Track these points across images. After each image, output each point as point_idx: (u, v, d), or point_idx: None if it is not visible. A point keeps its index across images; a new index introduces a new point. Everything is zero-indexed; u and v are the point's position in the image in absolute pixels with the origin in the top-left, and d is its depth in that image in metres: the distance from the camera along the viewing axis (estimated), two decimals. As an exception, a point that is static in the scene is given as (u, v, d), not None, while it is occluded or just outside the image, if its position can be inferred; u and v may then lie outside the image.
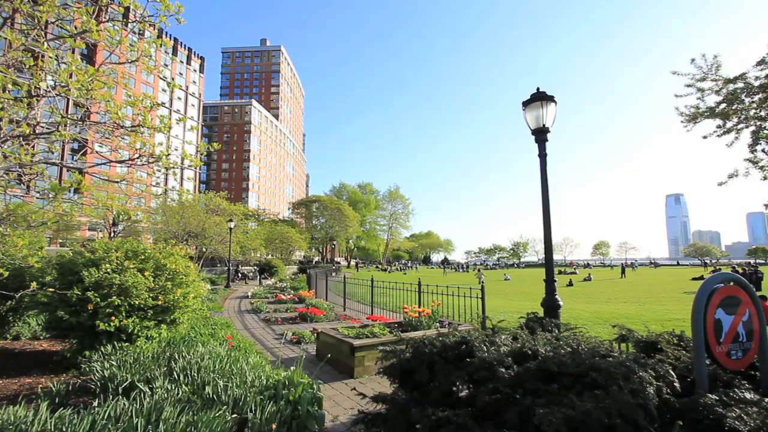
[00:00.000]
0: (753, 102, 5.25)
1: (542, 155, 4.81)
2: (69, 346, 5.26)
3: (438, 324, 6.66)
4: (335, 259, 76.22)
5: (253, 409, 2.93)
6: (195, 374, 3.49)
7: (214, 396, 3.05)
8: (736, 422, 1.99)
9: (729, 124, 5.51)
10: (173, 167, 5.53)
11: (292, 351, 6.89)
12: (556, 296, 4.91)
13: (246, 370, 3.45)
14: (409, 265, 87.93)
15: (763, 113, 5.24)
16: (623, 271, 47.66)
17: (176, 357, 3.94)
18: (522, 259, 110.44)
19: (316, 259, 68.98)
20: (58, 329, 5.11)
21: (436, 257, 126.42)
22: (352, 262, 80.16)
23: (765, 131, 5.29)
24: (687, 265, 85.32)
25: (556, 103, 4.71)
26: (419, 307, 6.99)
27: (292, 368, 3.44)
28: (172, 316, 5.42)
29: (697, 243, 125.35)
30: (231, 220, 23.78)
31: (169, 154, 4.12)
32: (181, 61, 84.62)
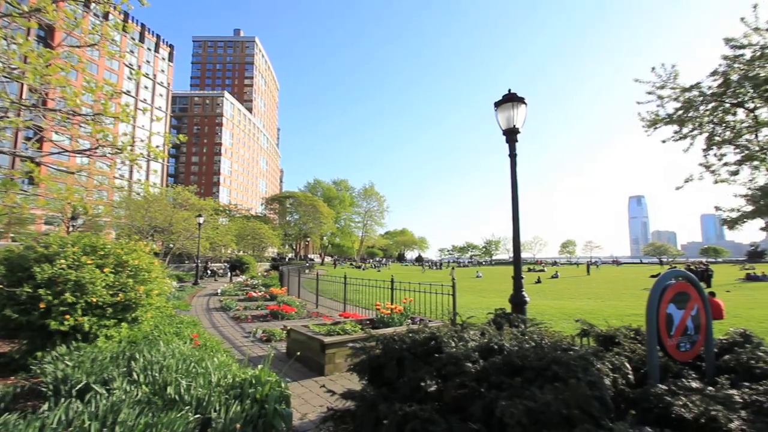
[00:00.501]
0: (707, 110, 5.55)
1: (512, 155, 4.94)
2: (18, 347, 4.93)
3: (410, 321, 6.72)
4: (309, 255, 75.45)
5: (217, 408, 2.85)
6: (157, 374, 3.35)
7: (176, 396, 2.94)
8: (682, 410, 2.11)
9: (685, 130, 5.80)
10: (137, 158, 5.29)
11: (262, 349, 6.77)
12: (523, 293, 5.06)
13: (211, 370, 3.35)
14: (383, 262, 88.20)
15: (715, 120, 5.55)
16: (588, 269, 49.81)
17: (137, 357, 3.78)
18: (494, 257, 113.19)
19: (290, 255, 68.02)
20: (6, 329, 4.78)
21: (411, 255, 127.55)
22: (327, 259, 79.59)
23: (717, 138, 5.60)
24: (647, 263, 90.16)
25: (526, 105, 4.84)
26: (391, 304, 7.02)
27: (259, 366, 3.38)
28: (133, 315, 5.19)
29: (656, 242, 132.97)
30: (200, 215, 23.02)
31: (133, 145, 3.91)
32: (149, 49, 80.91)
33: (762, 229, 5.05)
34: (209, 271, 28.80)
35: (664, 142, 5.99)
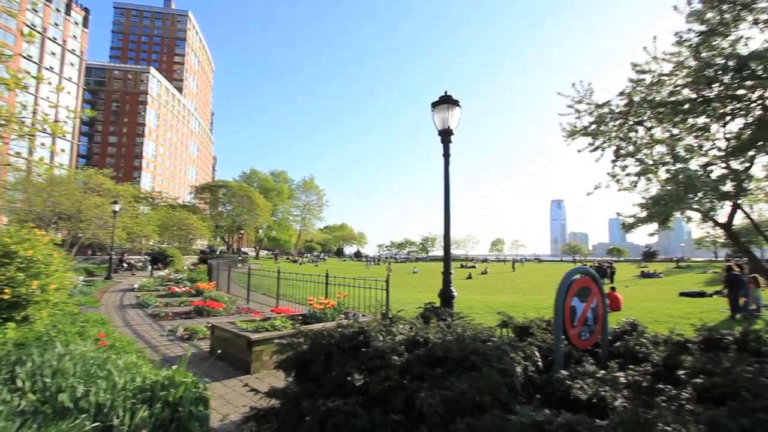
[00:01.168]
0: (615, 126, 6.20)
1: (446, 155, 5.13)
2: None
3: (343, 316, 6.71)
4: (242, 249, 71.89)
5: (121, 415, 2.58)
6: (48, 380, 2.95)
7: (71, 404, 2.61)
8: (579, 392, 2.35)
9: (597, 143, 6.43)
10: (33, 134, 4.58)
11: (182, 348, 6.30)
12: (452, 288, 5.29)
13: (115, 373, 3.02)
14: (321, 257, 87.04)
15: (621, 136, 6.22)
16: (513, 266, 53.85)
17: (24, 360, 3.29)
18: (430, 253, 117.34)
19: (221, 248, 64.24)
20: None
21: (350, 250, 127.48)
22: (263, 253, 76.53)
23: (622, 151, 6.27)
24: (564, 261, 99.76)
25: (460, 107, 5.06)
26: (325, 299, 6.94)
27: (174, 367, 3.13)
28: (23, 313, 4.52)
29: (571, 242, 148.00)
30: (116, 202, 20.74)
31: (21, 115, 3.38)
32: (58, 10, 70.79)
33: (650, 235, 5.78)
34: (125, 264, 26.15)
35: (579, 151, 6.61)
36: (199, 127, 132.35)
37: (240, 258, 42.80)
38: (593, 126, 6.28)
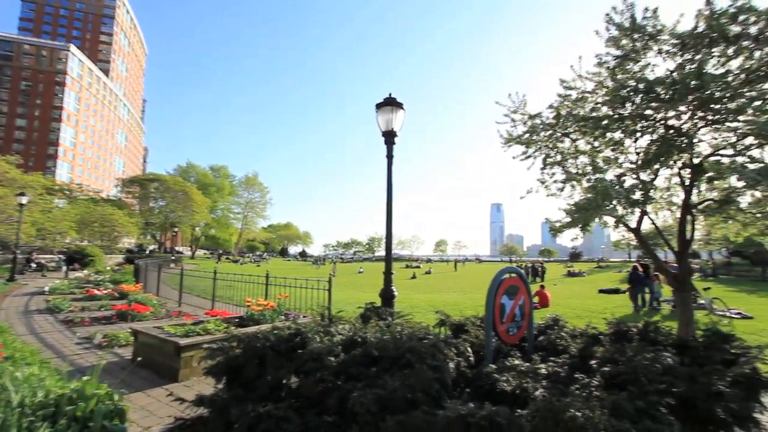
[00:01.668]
0: (545, 136, 6.66)
1: (390, 156, 5.20)
2: None
3: (283, 317, 6.51)
4: (176, 248, 67.05)
5: (15, 435, 2.27)
6: None
7: (-51, 427, 2.25)
8: (504, 384, 2.50)
9: (530, 151, 6.86)
10: None
11: (99, 357, 5.71)
12: (392, 287, 5.37)
13: (11, 388, 2.65)
14: (264, 256, 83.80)
15: (549, 145, 6.70)
16: (455, 266, 56.05)
17: None
18: (376, 253, 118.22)
19: (152, 247, 59.37)
20: None
21: (295, 249, 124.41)
22: (199, 252, 71.96)
23: (550, 159, 6.75)
24: (503, 261, 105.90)
25: (404, 110, 5.16)
26: (264, 301, 6.69)
27: (84, 378, 2.82)
28: None
29: (508, 244, 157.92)
30: (23, 194, 18.29)
31: None
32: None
33: (572, 239, 6.32)
34: (34, 264, 23.14)
35: (514, 158, 7.02)
36: (128, 115, 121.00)
37: (173, 258, 39.93)
38: (526, 135, 6.68)
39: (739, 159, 4.94)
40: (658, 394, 2.29)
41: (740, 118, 4.90)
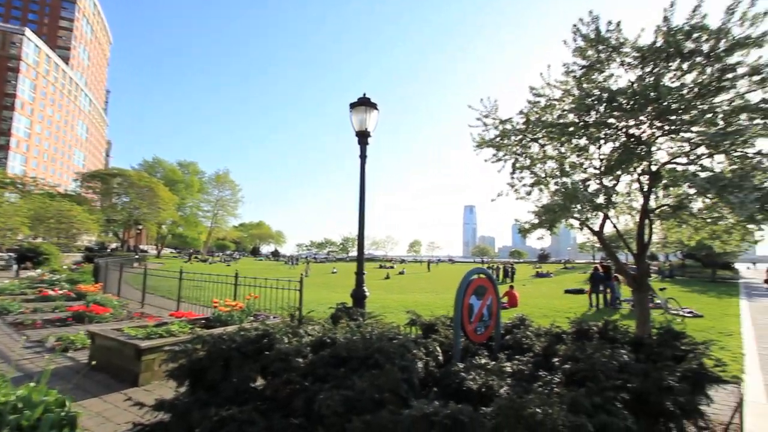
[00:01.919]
0: (515, 140, 6.84)
1: (363, 156, 5.19)
2: None
3: (252, 318, 6.37)
4: (141, 246, 64.16)
5: (-50, 447, 2.10)
6: None
7: None
8: (471, 383, 2.55)
9: (500, 155, 7.01)
10: None
11: (54, 362, 5.38)
12: (364, 288, 5.36)
13: (-54, 396, 2.45)
14: (234, 256, 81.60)
15: (519, 150, 6.87)
16: (429, 267, 56.70)
17: None
18: (350, 253, 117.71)
19: (114, 245, 56.58)
20: None
21: (267, 249, 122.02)
22: (166, 251, 69.23)
23: (519, 163, 6.92)
24: (475, 262, 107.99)
25: (378, 110, 5.17)
26: (233, 301, 6.52)
27: (31, 384, 2.64)
28: None
29: (480, 245, 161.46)
30: (-31, 187, 16.95)
31: None
32: None
33: (538, 239, 6.53)
34: (-19, 263, 21.54)
35: (486, 161, 7.17)
36: (90, 106, 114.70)
37: (137, 256, 38.23)
38: (497, 139, 6.82)
39: (692, 167, 5.26)
40: (614, 390, 2.40)
41: (693, 128, 5.22)
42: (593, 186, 6.34)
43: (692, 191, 4.97)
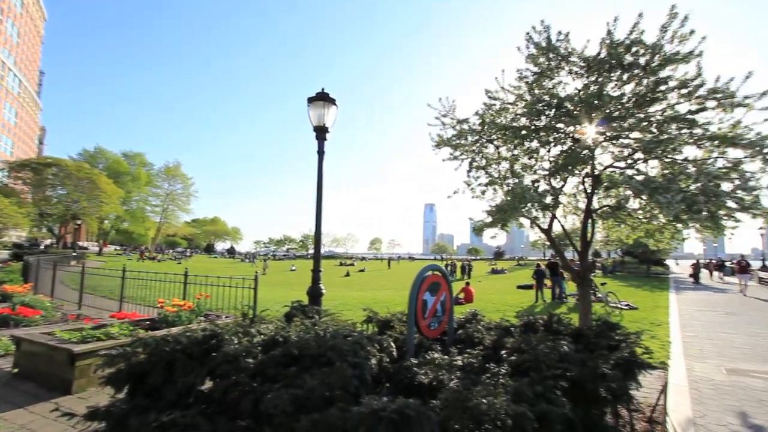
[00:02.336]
0: (472, 141, 7.03)
1: (320, 152, 5.11)
2: None
3: (203, 318, 6.09)
4: (80, 243, 59.21)
5: None
6: None
7: None
8: (422, 377, 2.60)
9: (457, 154, 7.19)
10: None
11: (-31, 370, 4.84)
12: (320, 285, 5.30)
13: None
14: (187, 253, 77.56)
15: (475, 150, 7.07)
16: (389, 264, 57.17)
17: None
18: (310, 251, 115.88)
19: (48, 242, 51.79)
20: None
21: (222, 246, 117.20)
22: (110, 248, 64.43)
23: (475, 163, 7.13)
24: (435, 259, 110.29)
25: (337, 106, 5.11)
26: (182, 301, 6.19)
27: (-63, 397, 2.35)
28: None
29: (439, 243, 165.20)
30: None
31: None
32: None
33: (492, 237, 6.78)
34: None
35: (444, 161, 7.33)
36: (19, 87, 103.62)
37: (75, 254, 35.29)
38: (455, 139, 6.98)
39: (630, 171, 5.70)
40: (554, 379, 2.55)
41: (631, 135, 5.65)
42: (543, 186, 6.69)
43: (629, 193, 5.38)
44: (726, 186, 4.76)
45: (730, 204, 4.68)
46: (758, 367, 6.03)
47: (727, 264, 30.09)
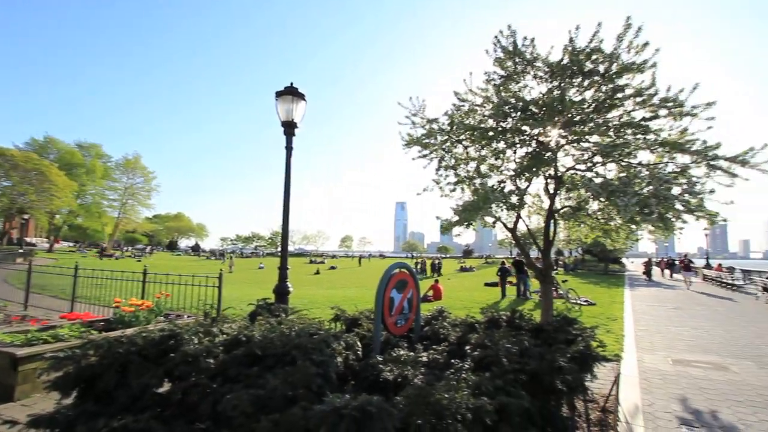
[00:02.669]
0: (442, 140, 7.12)
1: (289, 148, 5.02)
2: None
3: (163, 318, 5.84)
4: (27, 239, 55.13)
5: None
6: None
7: None
8: (387, 374, 2.62)
9: (426, 152, 7.26)
10: None
11: None
12: (287, 283, 5.21)
13: None
14: (148, 250, 73.96)
15: (445, 149, 7.17)
16: (360, 261, 57.11)
17: None
18: (279, 248, 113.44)
19: (-9, 238, 47.88)
20: None
21: (187, 243, 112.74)
22: (62, 244, 60.41)
23: (444, 162, 7.23)
24: (406, 257, 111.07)
25: (305, 101, 5.03)
26: (139, 300, 5.90)
27: None
28: None
29: (410, 241, 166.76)
30: None
31: None
32: None
33: (456, 235, 6.92)
34: None
35: (414, 159, 7.39)
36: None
37: (21, 251, 32.89)
38: (425, 139, 7.04)
39: (589, 174, 5.98)
40: (514, 373, 2.64)
41: (591, 139, 5.93)
42: (509, 187, 6.89)
43: (588, 195, 5.64)
44: (675, 190, 5.09)
45: (678, 206, 5.01)
46: (699, 358, 6.51)
47: (677, 262, 32.27)
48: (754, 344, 7.56)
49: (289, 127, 5.00)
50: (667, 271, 31.47)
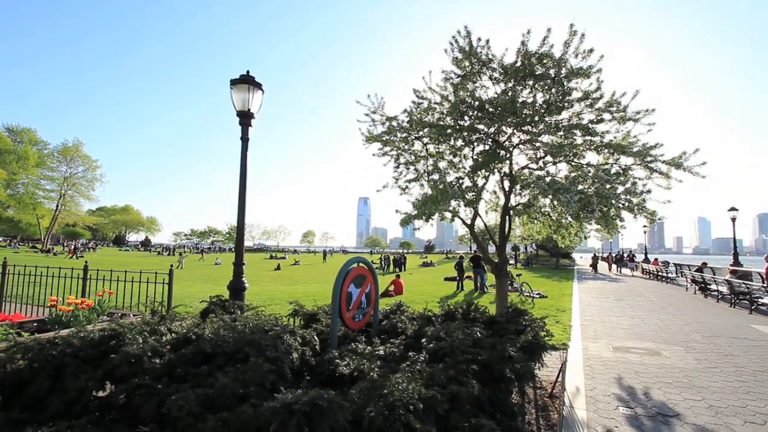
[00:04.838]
0: (401, 137, 7.17)
1: (244, 139, 4.84)
2: None
3: (106, 317, 5.47)
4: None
5: None
6: None
7: None
8: (343, 368, 2.62)
9: (386, 150, 7.29)
10: None
11: None
12: (243, 279, 5.06)
13: None
14: (91, 245, 68.73)
15: (404, 147, 7.24)
16: (324, 257, 56.50)
17: None
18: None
19: None
20: None
21: (136, 237, 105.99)
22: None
23: (403, 159, 7.30)
24: (367, 252, 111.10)
25: (263, 91, 4.87)
26: (78, 299, 5.49)
27: None
28: None
29: (373, 236, 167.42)
30: None
31: None
32: None
33: (415, 229, 7.03)
34: None
35: (374, 155, 7.39)
36: None
37: (-60, 246, 29.48)
38: (384, 136, 7.07)
39: (541, 172, 6.28)
40: (466, 363, 2.73)
41: (542, 139, 6.23)
42: (467, 183, 7.09)
43: (537, 192, 5.92)
44: (620, 189, 5.48)
45: (618, 205, 5.40)
46: (636, 344, 7.08)
47: (625, 257, 34.80)
48: (683, 331, 8.34)
49: (245, 118, 4.81)
50: (614, 266, 33.77)
